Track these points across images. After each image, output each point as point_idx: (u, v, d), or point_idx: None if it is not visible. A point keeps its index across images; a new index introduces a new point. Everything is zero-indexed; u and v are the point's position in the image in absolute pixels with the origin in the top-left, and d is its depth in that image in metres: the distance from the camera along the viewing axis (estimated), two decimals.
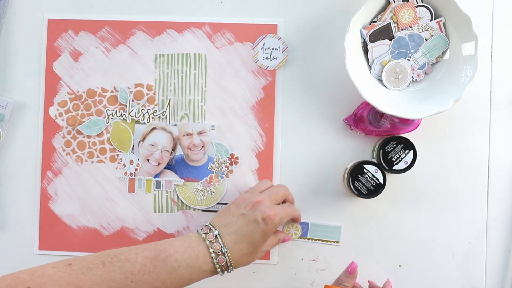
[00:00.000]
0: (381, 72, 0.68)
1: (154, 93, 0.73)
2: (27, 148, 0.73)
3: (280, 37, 0.72)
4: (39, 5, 0.74)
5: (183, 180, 0.72)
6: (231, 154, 0.72)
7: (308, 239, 0.71)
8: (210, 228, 0.60)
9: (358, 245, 0.71)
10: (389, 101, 0.66)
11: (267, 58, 0.72)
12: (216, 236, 0.59)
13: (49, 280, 0.50)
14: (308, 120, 0.72)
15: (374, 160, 0.69)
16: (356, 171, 0.67)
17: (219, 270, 0.58)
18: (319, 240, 0.71)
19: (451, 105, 0.63)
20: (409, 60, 0.68)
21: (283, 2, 0.72)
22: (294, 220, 0.69)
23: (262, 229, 0.59)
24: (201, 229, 0.61)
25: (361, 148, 0.72)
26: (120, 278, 0.52)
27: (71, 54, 0.73)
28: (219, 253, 0.58)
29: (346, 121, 0.71)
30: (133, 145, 0.73)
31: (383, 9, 0.67)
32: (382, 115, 0.69)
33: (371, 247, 0.71)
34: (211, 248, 0.58)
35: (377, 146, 0.70)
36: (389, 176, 0.69)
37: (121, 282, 0.52)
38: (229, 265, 0.58)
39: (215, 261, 0.57)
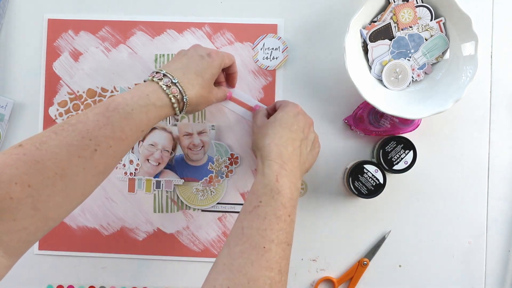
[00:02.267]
0: (381, 72, 0.68)
1: None
2: None
3: (280, 37, 0.72)
4: (39, 5, 0.74)
5: (183, 180, 0.72)
6: (231, 154, 0.72)
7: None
8: (155, 72, 0.59)
9: (358, 244, 0.71)
10: (389, 101, 0.66)
11: (267, 58, 0.72)
12: (163, 74, 0.58)
13: (3, 167, 0.45)
14: None
15: (374, 160, 0.69)
16: (356, 171, 0.67)
17: (174, 102, 0.57)
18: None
19: (451, 105, 0.63)
20: (409, 60, 0.68)
21: (283, 2, 0.72)
22: (231, 71, 0.69)
23: (208, 62, 0.61)
24: (148, 76, 0.59)
25: (361, 148, 0.72)
26: (77, 140, 0.48)
27: (71, 54, 0.73)
28: (170, 84, 0.57)
29: (346, 121, 0.71)
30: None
31: (383, 9, 0.67)
32: (382, 115, 0.69)
33: (371, 247, 0.71)
34: (161, 82, 0.57)
35: (377, 146, 0.70)
36: (389, 176, 0.69)
37: (80, 144, 0.48)
38: (183, 93, 0.57)
39: (167, 91, 0.56)
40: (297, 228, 0.60)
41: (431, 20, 0.67)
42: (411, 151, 0.68)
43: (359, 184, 0.67)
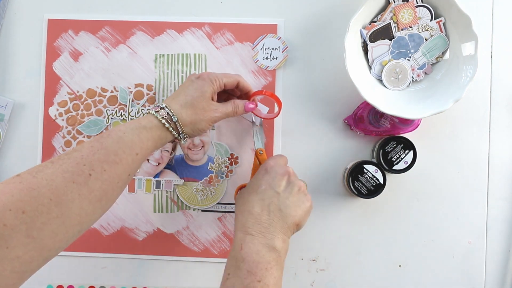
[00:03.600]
0: (381, 72, 0.68)
1: (154, 93, 0.73)
2: (27, 148, 0.73)
3: (280, 37, 0.72)
4: (39, 5, 0.74)
5: (183, 180, 0.72)
6: (231, 154, 0.72)
7: None
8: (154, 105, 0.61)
9: (358, 245, 0.71)
10: (389, 101, 0.66)
11: (267, 58, 0.72)
12: (158, 106, 0.60)
13: (0, 194, 0.45)
14: (308, 120, 0.72)
15: (374, 160, 0.69)
16: (356, 171, 0.67)
17: (164, 122, 0.58)
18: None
19: (451, 105, 0.63)
20: (409, 60, 0.68)
21: (283, 2, 0.72)
22: (243, 88, 0.67)
23: (197, 83, 0.61)
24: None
25: (361, 148, 0.72)
26: (72, 166, 0.49)
27: (71, 54, 0.73)
28: (158, 109, 0.59)
29: (346, 121, 0.71)
30: None
31: (383, 9, 0.67)
32: (382, 115, 0.69)
33: (371, 247, 0.71)
34: (152, 109, 0.59)
35: (377, 146, 0.70)
36: (389, 176, 0.69)
37: (74, 170, 0.49)
38: (171, 114, 0.59)
39: (156, 114, 0.58)
40: None
41: (431, 20, 0.67)
42: (411, 151, 0.68)
43: (359, 184, 0.67)
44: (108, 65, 0.73)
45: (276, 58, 0.72)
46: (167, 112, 0.59)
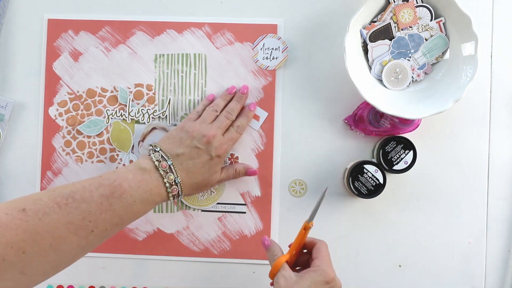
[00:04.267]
0: (381, 72, 0.68)
1: (154, 93, 0.73)
2: (27, 148, 0.73)
3: (280, 37, 0.72)
4: (39, 5, 0.74)
5: None
6: (231, 154, 0.72)
7: None
8: (162, 155, 0.61)
9: (358, 245, 0.71)
10: (389, 101, 0.66)
11: (267, 58, 0.72)
12: (169, 166, 0.60)
13: (5, 229, 0.47)
14: (308, 120, 0.72)
15: (374, 160, 0.69)
16: (356, 171, 0.67)
17: (171, 198, 0.61)
18: None
19: (451, 105, 0.63)
20: (409, 60, 0.68)
21: (283, 2, 0.72)
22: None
23: (216, 162, 0.64)
24: (153, 154, 0.61)
25: (361, 148, 0.72)
26: (78, 220, 0.51)
27: (71, 54, 0.73)
28: (173, 183, 0.60)
29: (346, 121, 0.71)
30: (133, 145, 0.73)
31: (383, 9, 0.67)
32: (382, 115, 0.69)
33: (371, 247, 0.71)
34: (166, 178, 0.59)
35: (377, 146, 0.70)
36: (389, 176, 0.69)
37: (80, 223, 0.51)
38: (180, 194, 0.61)
39: (169, 190, 0.60)
40: (297, 228, 0.60)
41: (431, 20, 0.67)
42: (411, 151, 0.68)
43: (359, 184, 0.67)
44: (108, 65, 0.73)
45: (276, 58, 0.72)
46: (178, 192, 0.61)
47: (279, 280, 0.56)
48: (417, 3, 0.67)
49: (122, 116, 0.73)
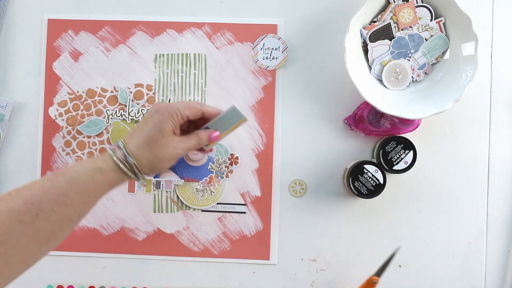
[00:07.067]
0: (381, 72, 0.68)
1: (154, 93, 0.73)
2: (27, 148, 0.73)
3: (280, 37, 0.72)
4: (39, 5, 0.74)
5: (183, 180, 0.72)
6: (231, 154, 0.72)
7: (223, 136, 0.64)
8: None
9: (358, 245, 0.71)
10: (389, 101, 0.66)
11: (267, 58, 0.72)
12: (116, 143, 0.57)
13: None
14: (308, 120, 0.72)
15: (374, 160, 0.69)
16: (356, 171, 0.67)
17: (121, 165, 0.55)
18: (229, 131, 0.63)
19: (451, 105, 0.63)
20: (409, 60, 0.68)
21: (283, 2, 0.72)
22: (209, 117, 0.62)
23: (156, 119, 0.57)
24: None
25: (361, 148, 0.72)
26: (19, 205, 0.48)
27: (71, 54, 0.73)
28: (115, 148, 0.56)
29: (346, 121, 0.71)
30: None
31: (383, 9, 0.67)
32: (382, 115, 0.69)
33: (371, 247, 0.71)
34: (109, 149, 0.56)
35: (377, 146, 0.70)
36: (389, 176, 0.69)
37: (21, 209, 0.48)
38: (127, 155, 0.56)
39: (111, 153, 0.55)
40: (297, 228, 0.61)
41: (431, 20, 0.67)
42: (411, 151, 0.68)
43: (359, 184, 0.67)
44: (108, 65, 0.73)
45: (276, 58, 0.72)
46: (124, 153, 0.56)
47: None
48: (417, 3, 0.67)
49: (122, 116, 0.73)
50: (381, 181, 0.67)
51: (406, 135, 0.69)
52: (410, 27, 0.67)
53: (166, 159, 0.58)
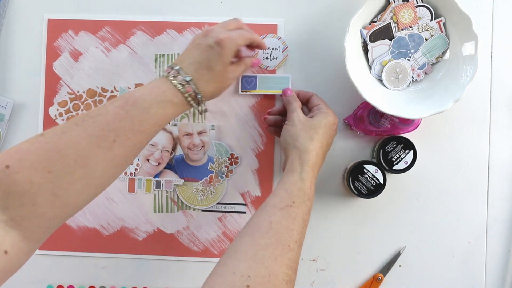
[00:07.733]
0: (381, 72, 0.68)
1: None
2: None
3: (280, 37, 0.72)
4: (39, 5, 0.74)
5: (183, 180, 0.72)
6: (231, 154, 0.72)
7: (257, 92, 0.71)
8: (171, 67, 0.60)
9: (358, 244, 0.71)
10: (389, 101, 0.66)
11: (267, 58, 0.72)
12: (177, 70, 0.59)
13: (26, 153, 0.47)
14: None
15: (374, 160, 0.69)
16: (356, 171, 0.67)
17: (190, 99, 0.58)
18: (268, 91, 0.71)
19: (451, 105, 0.63)
20: (409, 60, 0.68)
21: (283, 2, 0.72)
22: (257, 46, 0.66)
23: (218, 52, 0.59)
24: (163, 71, 0.60)
25: (361, 148, 0.72)
26: (97, 131, 0.50)
27: (71, 54, 0.73)
28: (184, 83, 0.58)
29: (346, 121, 0.71)
30: None
31: (383, 9, 0.67)
32: (382, 115, 0.69)
33: (371, 247, 0.71)
34: (175, 80, 0.58)
35: (377, 146, 0.70)
36: (389, 176, 0.69)
37: (100, 134, 0.50)
38: (196, 92, 0.58)
39: (182, 90, 0.57)
40: None
41: (431, 20, 0.67)
42: (411, 151, 0.68)
43: (359, 184, 0.67)
44: (108, 65, 0.73)
45: (276, 58, 0.72)
46: (193, 89, 0.58)
47: (293, 119, 0.63)
48: (417, 3, 0.67)
49: None
50: (381, 181, 0.67)
51: (406, 135, 0.69)
52: (410, 27, 0.67)
53: (225, 89, 0.63)
